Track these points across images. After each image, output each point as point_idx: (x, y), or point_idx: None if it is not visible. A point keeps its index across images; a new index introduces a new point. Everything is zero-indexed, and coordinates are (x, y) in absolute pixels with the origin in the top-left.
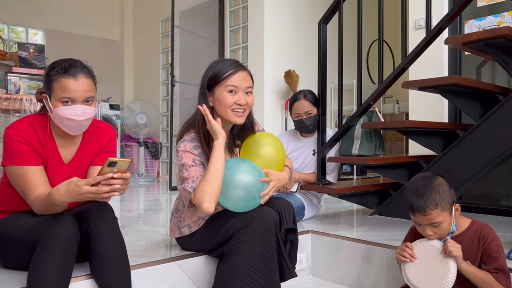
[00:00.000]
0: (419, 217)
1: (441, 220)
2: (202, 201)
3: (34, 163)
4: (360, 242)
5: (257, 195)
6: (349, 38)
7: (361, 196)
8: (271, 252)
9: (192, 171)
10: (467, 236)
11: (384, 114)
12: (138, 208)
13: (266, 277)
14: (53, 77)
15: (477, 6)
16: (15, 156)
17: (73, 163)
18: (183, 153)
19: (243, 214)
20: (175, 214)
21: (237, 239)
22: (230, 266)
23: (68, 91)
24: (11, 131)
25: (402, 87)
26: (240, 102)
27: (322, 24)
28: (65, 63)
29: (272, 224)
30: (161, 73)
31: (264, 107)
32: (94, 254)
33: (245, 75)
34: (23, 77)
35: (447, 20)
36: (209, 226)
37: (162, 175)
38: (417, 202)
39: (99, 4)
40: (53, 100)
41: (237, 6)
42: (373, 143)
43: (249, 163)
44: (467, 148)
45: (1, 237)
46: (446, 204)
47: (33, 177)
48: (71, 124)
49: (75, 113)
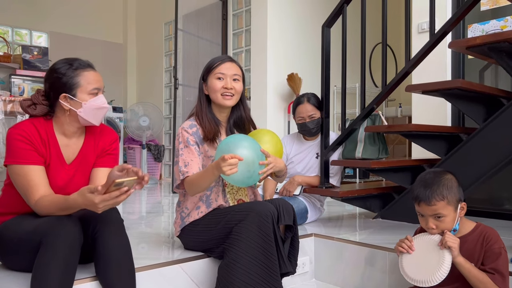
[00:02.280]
0: (424, 207)
1: (445, 213)
2: (188, 190)
3: (36, 162)
4: (363, 246)
5: (257, 170)
6: (351, 42)
7: (364, 200)
8: (270, 243)
9: (185, 153)
10: (471, 238)
11: (387, 117)
12: (141, 210)
13: (266, 268)
14: (75, 73)
15: (480, 10)
16: (17, 155)
17: (75, 163)
18: (181, 132)
19: (241, 207)
20: (177, 208)
21: (236, 232)
22: (230, 260)
23: (95, 82)
24: (13, 130)
25: (405, 90)
26: (226, 86)
27: (326, 28)
28: (78, 60)
29: (269, 215)
30: (164, 75)
31: (267, 110)
32: (100, 256)
33: (232, 64)
34: (27, 79)
35: (451, 24)
36: (210, 219)
37: (165, 177)
38: (424, 191)
39: (103, 7)
40: (81, 94)
41: (240, 10)
42: (377, 146)
43: (249, 139)
44: (471, 152)
45: (5, 239)
46: (452, 198)
47: (34, 176)
48: (101, 113)
49: (103, 101)
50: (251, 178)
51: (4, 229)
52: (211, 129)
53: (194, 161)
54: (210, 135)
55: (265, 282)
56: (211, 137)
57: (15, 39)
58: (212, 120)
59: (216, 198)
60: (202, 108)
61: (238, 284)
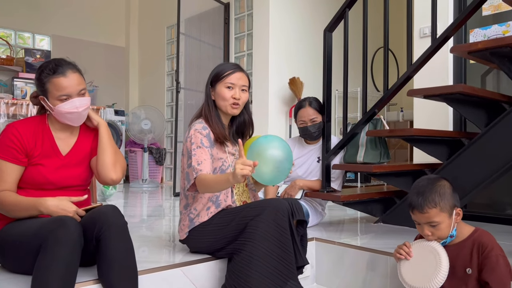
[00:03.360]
0: (418, 215)
1: (439, 220)
2: (200, 188)
3: (14, 161)
4: (364, 250)
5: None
6: (353, 46)
7: (365, 204)
8: (286, 236)
9: (198, 153)
10: (468, 244)
11: (388, 121)
12: (142, 213)
13: (283, 261)
14: (45, 80)
15: (482, 15)
16: (2, 150)
17: (70, 154)
18: (194, 133)
19: (256, 204)
20: (183, 211)
21: (253, 226)
22: (248, 253)
23: (62, 89)
24: (9, 127)
25: (407, 95)
26: (235, 96)
27: (328, 32)
28: (52, 64)
29: (286, 210)
30: (166, 79)
31: (269, 114)
32: (103, 258)
33: (242, 75)
34: (30, 82)
35: (453, 29)
36: (222, 217)
37: (166, 181)
38: (417, 199)
39: (105, 11)
40: (51, 99)
41: (242, 14)
42: (378, 150)
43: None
44: (472, 157)
45: (7, 242)
46: (446, 205)
47: (7, 171)
48: (73, 117)
49: (74, 106)
50: (278, 177)
51: (5, 232)
52: (221, 132)
53: (207, 161)
54: (221, 138)
55: (282, 275)
56: (221, 140)
57: (18, 42)
58: (219, 124)
59: (225, 199)
60: (211, 112)
61: (257, 276)
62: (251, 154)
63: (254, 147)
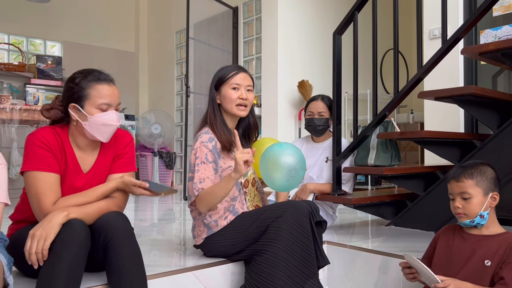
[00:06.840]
0: (453, 184)
1: (472, 192)
2: (200, 205)
3: (54, 170)
4: (376, 253)
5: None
6: (362, 48)
7: (377, 207)
8: (308, 237)
9: (202, 169)
10: (496, 239)
11: (399, 123)
12: (152, 217)
13: (305, 262)
14: (88, 84)
15: (492, 16)
16: (36, 161)
17: (91, 172)
18: (199, 146)
19: (276, 205)
20: (198, 217)
21: (275, 227)
22: (272, 254)
23: (106, 96)
24: (33, 136)
25: (418, 97)
26: (242, 97)
27: (337, 35)
28: (95, 72)
29: (306, 211)
30: (176, 83)
31: (278, 116)
32: (112, 267)
33: (246, 75)
34: (41, 88)
35: (463, 30)
36: (241, 221)
37: (176, 184)
38: (457, 170)
39: (115, 17)
40: (88, 107)
41: (251, 18)
42: (389, 153)
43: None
44: (485, 159)
45: (20, 246)
46: (483, 182)
47: (53, 183)
48: (107, 130)
49: (112, 118)
50: (290, 182)
51: (18, 236)
52: (227, 139)
53: (210, 178)
54: (228, 146)
55: (303, 275)
56: (228, 147)
57: (29, 48)
58: (225, 130)
59: (241, 206)
60: (216, 118)
61: (281, 276)
62: (264, 161)
63: (267, 155)
